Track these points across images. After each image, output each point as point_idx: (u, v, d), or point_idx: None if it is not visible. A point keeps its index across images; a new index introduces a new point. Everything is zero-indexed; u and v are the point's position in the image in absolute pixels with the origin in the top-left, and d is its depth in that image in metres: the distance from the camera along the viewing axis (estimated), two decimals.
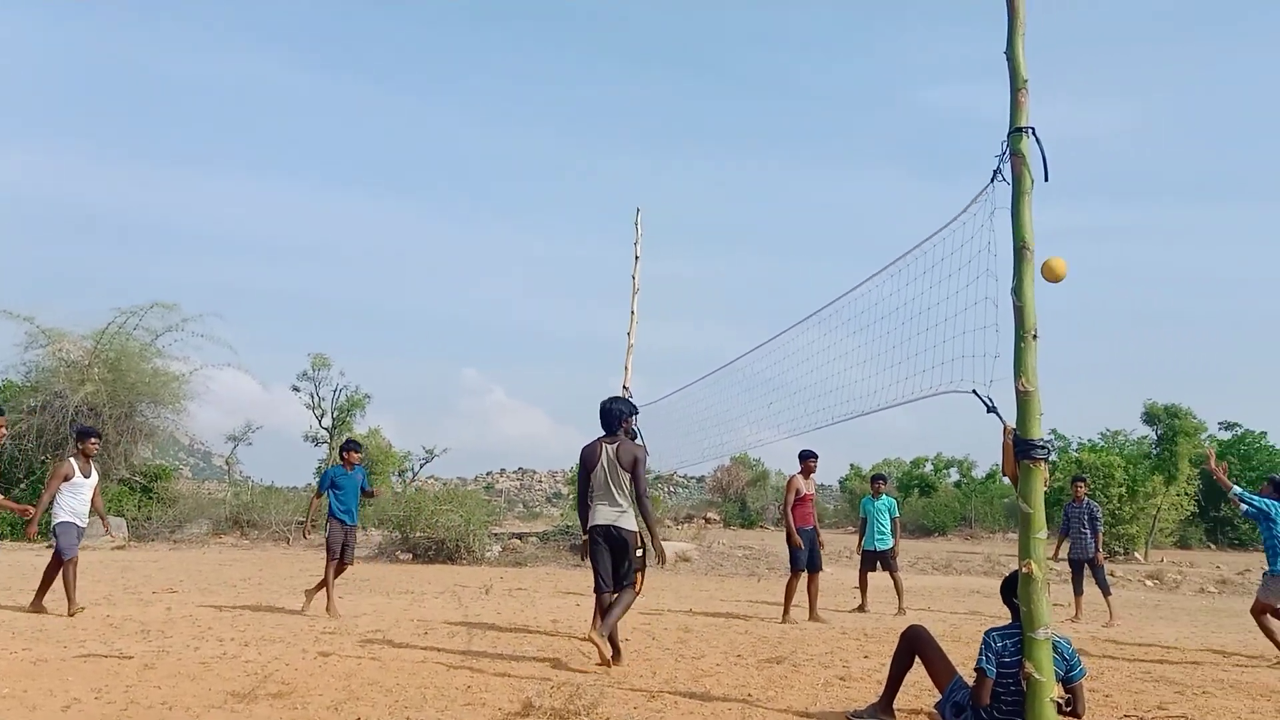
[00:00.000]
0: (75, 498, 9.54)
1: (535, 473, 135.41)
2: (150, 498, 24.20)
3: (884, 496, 12.41)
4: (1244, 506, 8.55)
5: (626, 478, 6.94)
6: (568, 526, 22.63)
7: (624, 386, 12.60)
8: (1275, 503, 8.48)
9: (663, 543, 8.09)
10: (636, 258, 13.28)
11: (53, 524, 9.40)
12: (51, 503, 9.41)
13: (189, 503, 25.57)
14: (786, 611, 10.57)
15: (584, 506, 7.12)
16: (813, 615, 10.66)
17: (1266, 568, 8.50)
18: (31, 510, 9.23)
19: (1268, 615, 8.39)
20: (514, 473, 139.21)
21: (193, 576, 14.22)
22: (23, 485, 21.84)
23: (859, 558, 12.55)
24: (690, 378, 11.94)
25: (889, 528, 12.23)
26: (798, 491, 10.75)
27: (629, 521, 6.93)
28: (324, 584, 9.98)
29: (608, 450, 7.00)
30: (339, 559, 10.02)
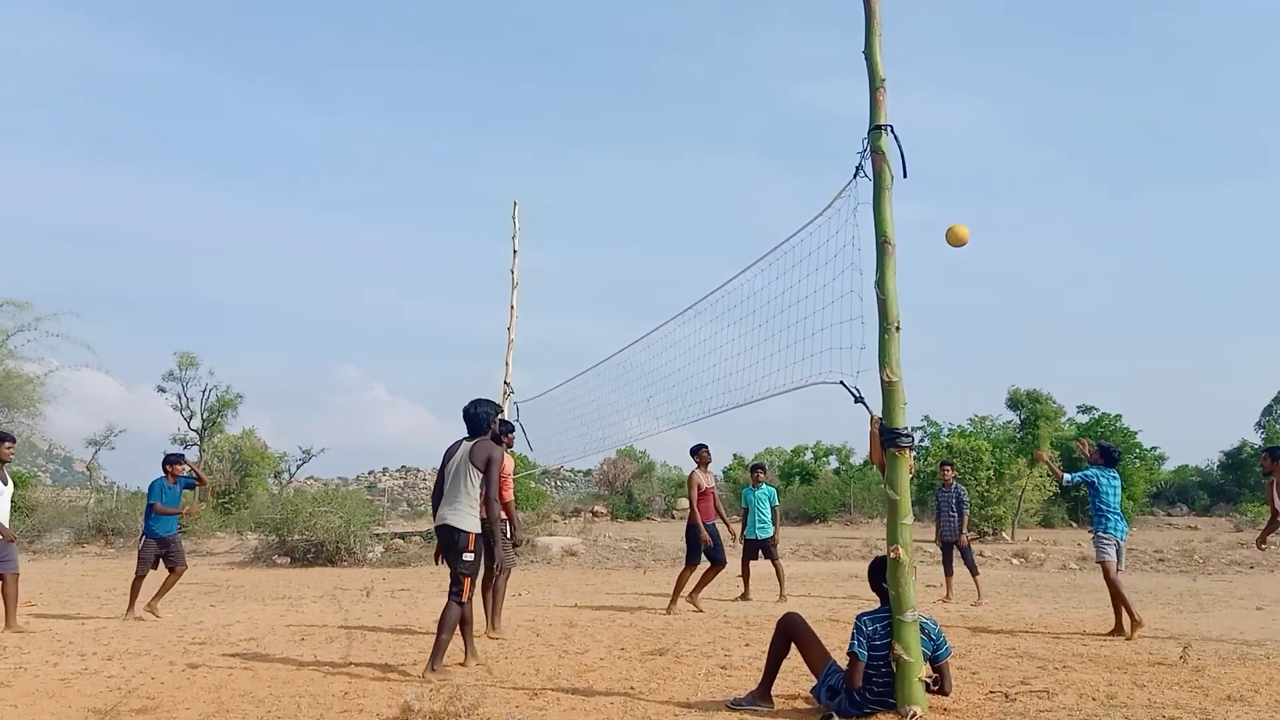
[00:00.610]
0: None
1: (419, 470, 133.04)
2: None
3: (764, 486, 12.61)
4: (1077, 480, 9.17)
5: (477, 477, 6.71)
6: None
7: (505, 382, 12.51)
8: (1100, 470, 9.09)
9: (524, 541, 7.98)
10: (515, 252, 13.19)
11: None
12: None
13: (48, 511, 24.36)
14: (674, 602, 10.67)
15: (435, 507, 6.95)
16: (691, 597, 10.80)
17: (1093, 532, 9.11)
18: None
19: (1118, 580, 8.86)
20: (397, 471, 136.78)
21: (53, 588, 13.56)
22: None
23: (741, 547, 12.76)
24: (574, 372, 11.96)
25: (769, 516, 12.45)
26: (699, 486, 10.88)
27: (461, 520, 6.67)
28: (140, 590, 9.94)
29: (464, 448, 6.85)
30: (170, 566, 10.08)
